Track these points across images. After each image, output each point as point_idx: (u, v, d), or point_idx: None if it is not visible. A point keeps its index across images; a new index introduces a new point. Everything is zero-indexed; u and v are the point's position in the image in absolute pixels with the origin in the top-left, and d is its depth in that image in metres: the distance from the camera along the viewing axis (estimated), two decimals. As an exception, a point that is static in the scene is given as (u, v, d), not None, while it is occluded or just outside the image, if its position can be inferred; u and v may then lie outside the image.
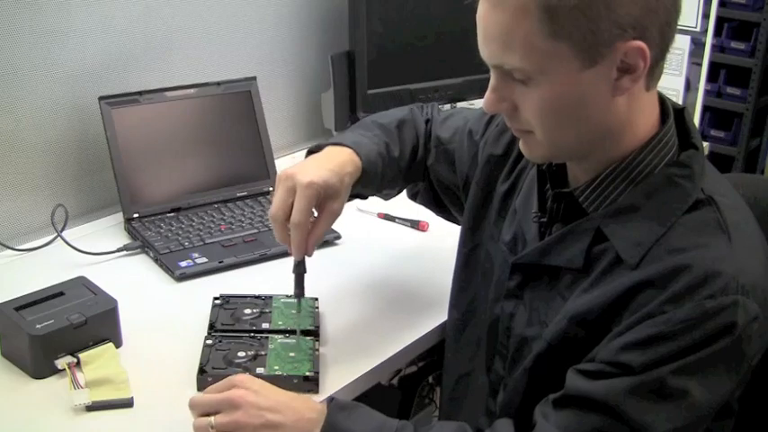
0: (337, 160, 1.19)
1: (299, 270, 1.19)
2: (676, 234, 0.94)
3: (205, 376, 1.16)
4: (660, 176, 0.97)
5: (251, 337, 1.24)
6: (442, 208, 1.39)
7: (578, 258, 0.99)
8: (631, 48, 0.89)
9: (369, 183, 1.24)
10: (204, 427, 1.01)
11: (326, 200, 1.16)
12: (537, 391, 1.02)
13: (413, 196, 1.42)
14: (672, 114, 1.01)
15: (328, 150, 1.22)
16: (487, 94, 0.98)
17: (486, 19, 0.93)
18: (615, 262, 0.96)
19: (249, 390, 1.02)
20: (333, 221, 1.18)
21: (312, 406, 1.04)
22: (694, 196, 0.96)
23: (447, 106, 2.10)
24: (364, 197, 1.33)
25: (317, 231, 1.16)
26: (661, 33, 0.91)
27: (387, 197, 1.39)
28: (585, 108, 0.94)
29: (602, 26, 0.88)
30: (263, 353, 1.20)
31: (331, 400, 1.05)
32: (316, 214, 1.18)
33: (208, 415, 1.01)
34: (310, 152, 1.25)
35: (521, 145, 1.03)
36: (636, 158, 0.98)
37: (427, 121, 1.35)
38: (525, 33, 0.90)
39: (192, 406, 1.04)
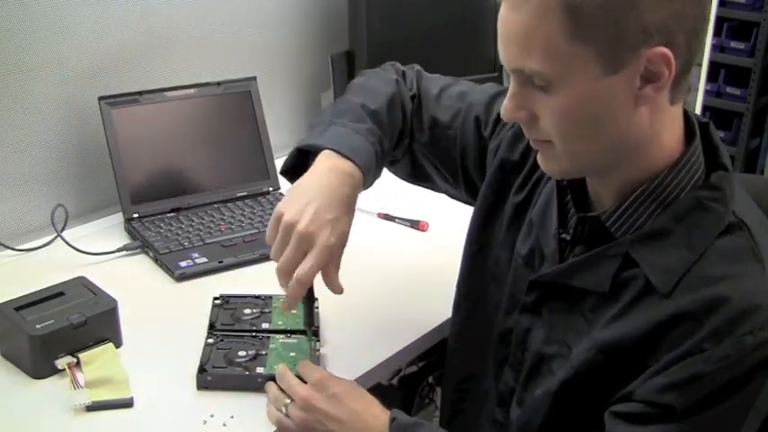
0: (348, 192, 1.11)
1: (309, 301, 1.17)
2: (710, 262, 0.91)
3: (205, 375, 1.16)
4: (690, 199, 0.94)
5: (252, 337, 1.24)
6: (420, 179, 1.32)
7: (605, 283, 0.96)
8: (656, 54, 0.85)
9: (363, 187, 1.17)
10: (280, 403, 1.09)
11: (342, 246, 1.12)
12: (561, 414, 1.00)
13: (390, 165, 1.32)
14: (698, 131, 0.97)
15: (330, 170, 1.11)
16: (506, 101, 0.94)
17: (506, 20, 0.89)
18: (646, 289, 0.93)
19: (323, 395, 1.07)
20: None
21: (378, 422, 1.06)
22: (726, 221, 0.93)
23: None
24: None
25: (332, 276, 1.12)
26: (687, 43, 0.87)
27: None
28: (607, 118, 0.90)
29: (627, 29, 0.84)
30: (263, 352, 1.20)
31: (394, 419, 1.05)
32: None
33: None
34: (300, 151, 1.16)
35: (539, 158, 0.99)
36: (665, 180, 0.94)
37: (413, 97, 1.26)
38: (546, 34, 0.86)
39: (280, 377, 1.12)
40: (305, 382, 1.10)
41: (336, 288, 1.12)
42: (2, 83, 1.50)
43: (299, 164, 1.17)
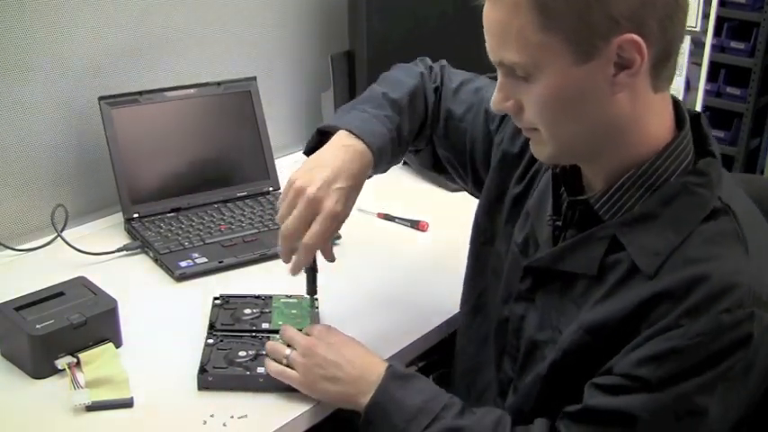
0: (358, 168, 1.15)
1: (312, 270, 1.22)
2: (693, 244, 0.93)
3: (206, 375, 1.16)
4: (677, 184, 0.96)
5: (252, 337, 1.24)
6: (441, 171, 1.36)
7: (593, 266, 0.98)
8: (626, 41, 0.88)
9: (376, 170, 1.23)
10: (280, 354, 1.16)
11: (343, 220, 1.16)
12: (550, 398, 1.02)
13: (415, 154, 1.38)
14: (688, 120, 0.99)
15: (345, 147, 1.16)
16: (494, 93, 0.99)
17: (487, 16, 0.95)
18: (631, 271, 0.95)
19: (323, 342, 1.15)
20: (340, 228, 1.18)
21: (374, 369, 1.11)
22: (711, 205, 0.95)
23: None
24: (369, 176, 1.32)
25: (329, 245, 1.17)
26: (662, 29, 0.90)
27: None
28: (584, 104, 0.93)
29: (594, 19, 0.88)
30: (263, 352, 1.20)
31: (390, 366, 1.11)
32: None
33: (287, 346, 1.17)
34: (320, 133, 1.21)
35: (530, 145, 1.03)
36: (652, 166, 0.96)
37: (436, 89, 1.31)
38: (519, 27, 0.91)
39: (282, 332, 1.20)
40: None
41: (330, 256, 1.18)
42: (2, 83, 1.50)
43: (319, 145, 1.20)
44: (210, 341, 1.22)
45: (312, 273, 1.22)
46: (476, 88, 1.30)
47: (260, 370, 1.17)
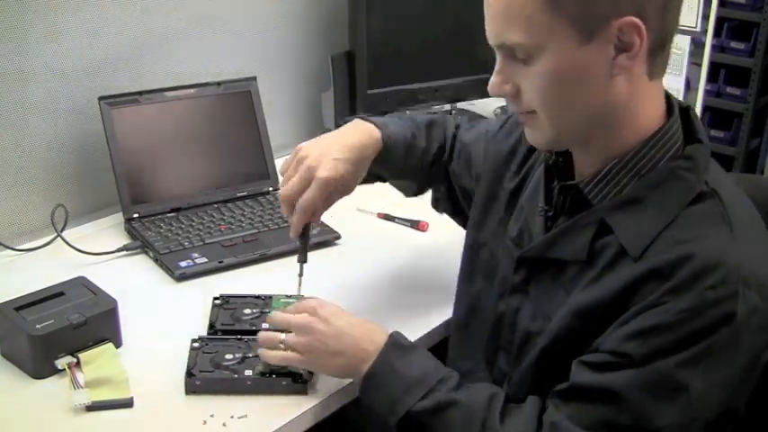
0: (359, 141, 1.24)
1: (304, 238, 1.25)
2: (679, 226, 0.95)
3: (193, 379, 1.15)
4: (664, 169, 0.98)
5: (238, 339, 1.23)
6: (464, 216, 1.37)
7: (582, 251, 1.00)
8: (626, 23, 0.91)
9: (388, 162, 1.27)
10: (274, 341, 1.15)
11: (342, 189, 1.24)
12: (543, 384, 1.02)
13: (435, 202, 1.45)
14: (676, 108, 1.02)
15: (355, 125, 1.27)
16: (492, 77, 1.00)
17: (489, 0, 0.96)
18: (619, 254, 0.97)
19: (319, 318, 1.15)
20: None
21: (373, 338, 1.13)
22: (698, 189, 0.97)
23: (447, 106, 2.11)
24: (384, 180, 1.36)
25: (323, 208, 1.24)
26: (660, 16, 0.92)
27: (407, 192, 1.42)
28: (585, 86, 0.95)
29: (597, 2, 0.90)
30: (250, 355, 1.19)
31: (391, 335, 1.13)
32: None
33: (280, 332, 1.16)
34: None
35: (526, 132, 1.05)
36: (641, 151, 0.98)
37: (457, 126, 1.38)
38: (523, 8, 0.92)
39: (270, 320, 1.19)
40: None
41: (316, 219, 1.24)
42: (2, 83, 1.50)
43: None
44: (196, 345, 1.21)
45: (304, 240, 1.25)
46: (487, 122, 1.38)
47: (247, 373, 1.16)
